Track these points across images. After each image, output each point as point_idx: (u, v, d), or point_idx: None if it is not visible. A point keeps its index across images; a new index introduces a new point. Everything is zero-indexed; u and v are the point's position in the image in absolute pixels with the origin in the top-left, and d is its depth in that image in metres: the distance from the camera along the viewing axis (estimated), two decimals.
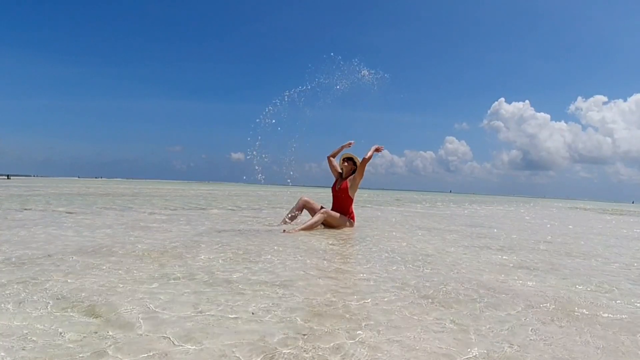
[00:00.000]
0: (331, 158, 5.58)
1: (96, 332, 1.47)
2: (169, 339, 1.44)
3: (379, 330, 1.60)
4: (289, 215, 5.27)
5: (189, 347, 1.38)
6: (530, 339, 1.59)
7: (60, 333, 1.46)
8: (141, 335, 1.47)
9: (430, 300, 2.07)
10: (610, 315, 1.97)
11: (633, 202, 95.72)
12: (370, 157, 5.10)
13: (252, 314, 1.75)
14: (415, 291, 2.23)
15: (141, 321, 1.60)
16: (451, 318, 1.80)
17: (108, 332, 1.47)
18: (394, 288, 2.28)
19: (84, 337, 1.43)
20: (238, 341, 1.44)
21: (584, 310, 2.02)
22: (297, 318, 1.70)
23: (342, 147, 5.56)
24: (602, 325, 1.81)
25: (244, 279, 2.34)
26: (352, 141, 5.50)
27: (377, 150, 5.16)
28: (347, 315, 1.77)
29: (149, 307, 1.76)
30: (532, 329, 1.71)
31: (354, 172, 5.34)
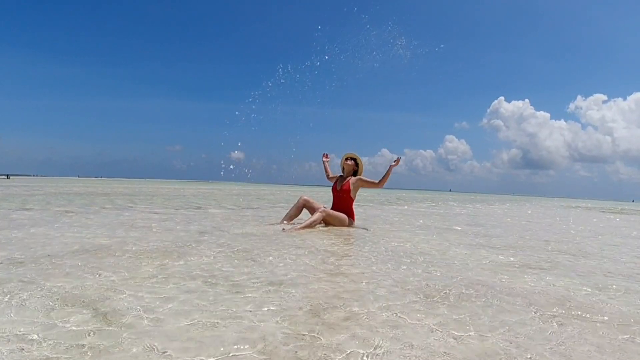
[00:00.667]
0: (330, 177, 5.61)
1: (94, 334, 1.43)
2: (168, 339, 1.40)
3: (382, 332, 1.56)
4: (289, 215, 5.23)
5: (189, 347, 1.34)
6: (540, 342, 1.54)
7: (58, 335, 1.41)
8: (140, 335, 1.42)
9: (434, 301, 2.03)
10: (621, 316, 1.92)
11: (633, 201, 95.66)
12: (388, 176, 5.14)
13: (251, 311, 1.71)
14: (419, 292, 2.18)
15: (140, 321, 1.56)
16: (456, 320, 1.75)
17: (106, 334, 1.43)
18: (397, 289, 2.23)
19: (82, 339, 1.39)
20: (238, 342, 1.40)
21: (594, 312, 1.97)
22: (298, 319, 1.66)
23: (324, 163, 5.68)
24: (614, 327, 1.76)
25: (243, 279, 2.30)
26: (327, 154, 5.70)
27: (396, 163, 5.13)
28: (349, 316, 1.72)
29: (148, 308, 1.72)
30: (547, 332, 1.66)
31: (355, 172, 5.31)
